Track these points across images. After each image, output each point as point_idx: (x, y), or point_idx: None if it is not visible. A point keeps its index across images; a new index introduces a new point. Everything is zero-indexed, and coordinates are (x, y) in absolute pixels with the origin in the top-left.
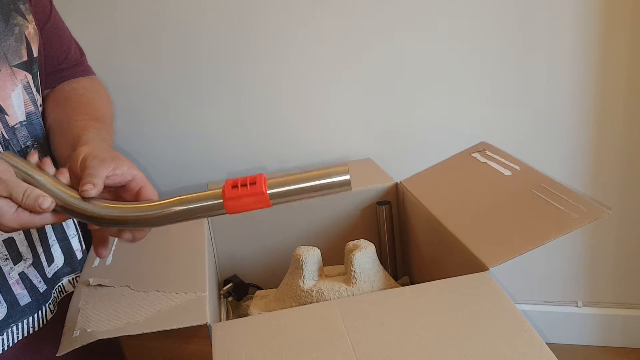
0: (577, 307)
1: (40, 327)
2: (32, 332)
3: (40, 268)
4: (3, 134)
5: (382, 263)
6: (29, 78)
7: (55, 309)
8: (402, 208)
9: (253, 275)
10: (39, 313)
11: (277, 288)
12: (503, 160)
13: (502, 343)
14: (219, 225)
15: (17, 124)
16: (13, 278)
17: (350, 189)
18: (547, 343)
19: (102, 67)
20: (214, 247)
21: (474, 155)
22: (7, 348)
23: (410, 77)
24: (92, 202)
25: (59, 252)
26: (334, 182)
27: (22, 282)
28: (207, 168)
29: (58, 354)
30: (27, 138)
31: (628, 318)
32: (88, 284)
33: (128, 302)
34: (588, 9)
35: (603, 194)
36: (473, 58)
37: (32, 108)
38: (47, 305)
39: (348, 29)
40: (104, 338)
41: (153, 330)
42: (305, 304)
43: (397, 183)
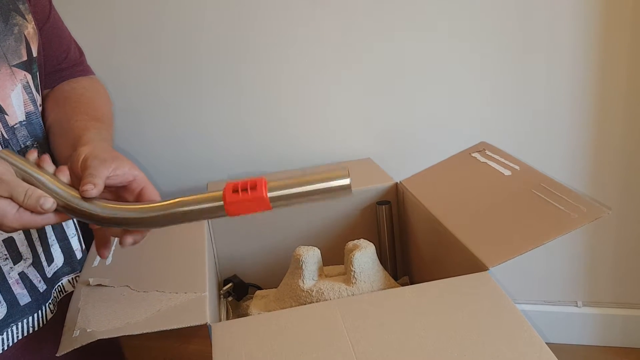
0: (577, 307)
1: (40, 327)
2: (32, 332)
3: (40, 268)
4: (3, 134)
5: (382, 263)
6: (29, 78)
7: (55, 309)
8: (402, 208)
9: (253, 275)
10: (39, 313)
11: (277, 288)
12: (503, 160)
13: (502, 343)
14: (219, 226)
15: (16, 124)
16: (13, 278)
17: (351, 194)
18: (547, 343)
19: (102, 67)
20: (214, 247)
21: (474, 155)
22: (7, 348)
23: (410, 77)
24: (93, 202)
25: (59, 251)
26: (335, 186)
27: (22, 281)
28: (207, 168)
29: (58, 354)
30: (26, 138)
31: (628, 318)
32: (88, 284)
33: (128, 302)
34: (588, 9)
35: (603, 194)
36: (473, 58)
37: (31, 108)
38: (47, 305)
39: (348, 29)
40: (104, 338)
41: (153, 330)
42: (305, 304)
43: (397, 183)
